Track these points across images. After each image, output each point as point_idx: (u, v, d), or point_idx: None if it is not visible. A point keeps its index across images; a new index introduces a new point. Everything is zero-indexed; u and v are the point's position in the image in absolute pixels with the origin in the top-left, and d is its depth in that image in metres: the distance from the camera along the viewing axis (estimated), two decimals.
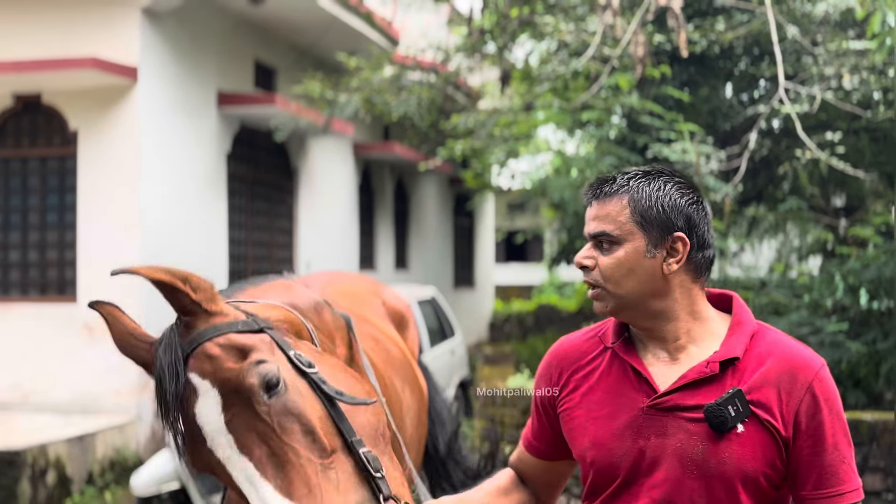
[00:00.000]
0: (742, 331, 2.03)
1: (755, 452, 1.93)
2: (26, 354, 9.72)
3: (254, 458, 2.05)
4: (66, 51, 9.43)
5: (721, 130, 10.29)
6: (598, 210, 2.05)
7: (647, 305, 2.03)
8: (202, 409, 2.09)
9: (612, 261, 2.02)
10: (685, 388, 1.98)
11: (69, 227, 9.86)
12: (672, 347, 2.05)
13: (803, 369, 1.97)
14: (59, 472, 8.17)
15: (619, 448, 2.03)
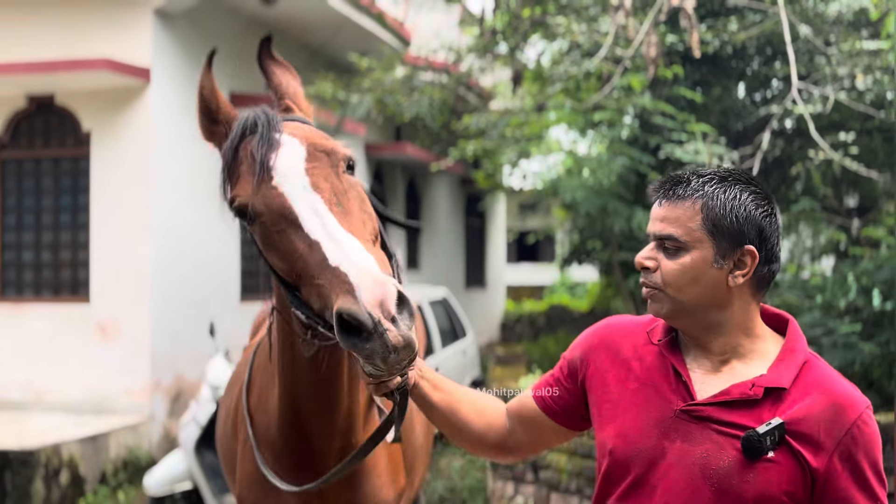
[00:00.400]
0: (793, 359, 1.99)
1: (780, 480, 1.90)
2: (40, 354, 9.76)
3: (323, 197, 2.25)
4: (79, 52, 9.46)
5: (733, 131, 10.26)
6: (668, 211, 1.99)
7: (703, 315, 2.00)
8: (285, 156, 2.31)
9: (677, 266, 1.97)
10: (724, 404, 1.95)
11: (82, 227, 9.90)
12: (718, 359, 2.02)
13: (847, 409, 1.92)
14: (73, 471, 8.20)
15: (642, 443, 2.01)
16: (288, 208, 2.23)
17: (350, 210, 2.27)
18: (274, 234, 2.25)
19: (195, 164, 10.27)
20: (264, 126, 2.36)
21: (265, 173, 2.28)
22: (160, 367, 9.57)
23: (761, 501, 1.90)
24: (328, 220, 2.18)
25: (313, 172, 2.29)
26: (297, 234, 2.19)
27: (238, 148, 2.38)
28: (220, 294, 10.67)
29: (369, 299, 1.94)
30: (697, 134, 8.52)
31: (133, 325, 9.51)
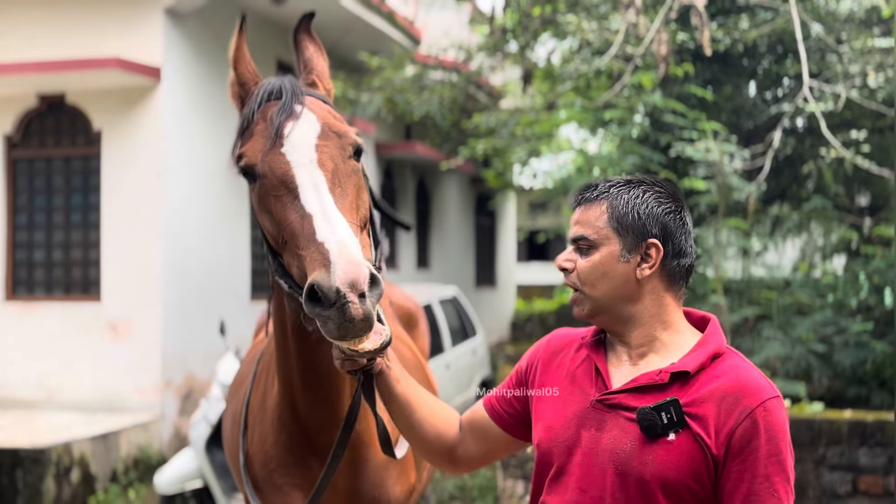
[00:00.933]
0: (704, 349, 2.07)
1: (679, 462, 1.96)
2: (51, 353, 9.79)
3: (326, 175, 2.32)
4: (90, 51, 9.48)
5: (745, 129, 10.24)
6: (580, 215, 2.14)
7: (618, 309, 2.11)
8: (300, 128, 2.39)
9: (588, 264, 2.11)
10: (634, 391, 2.05)
11: (93, 226, 9.92)
12: (636, 353, 2.12)
13: (750, 395, 1.97)
14: (84, 470, 8.23)
15: (562, 434, 2.12)
16: (290, 177, 2.30)
17: (347, 193, 2.34)
18: (272, 197, 2.32)
19: (206, 163, 10.28)
20: (288, 94, 2.43)
21: (278, 139, 2.35)
22: (171, 366, 9.59)
23: (662, 483, 1.96)
24: (325, 197, 2.25)
25: (322, 150, 2.36)
26: (293, 204, 2.26)
27: (257, 110, 2.45)
28: (230, 293, 10.69)
29: (341, 276, 2.02)
30: (708, 132, 8.50)
31: (144, 324, 9.53)
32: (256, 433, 2.89)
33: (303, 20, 2.78)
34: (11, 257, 10.18)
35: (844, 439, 6.23)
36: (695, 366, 2.03)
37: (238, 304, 10.74)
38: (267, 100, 2.46)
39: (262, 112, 2.44)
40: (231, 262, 10.79)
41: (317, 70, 2.74)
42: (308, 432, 2.73)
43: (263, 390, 2.93)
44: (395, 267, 15.28)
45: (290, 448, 2.77)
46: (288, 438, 2.76)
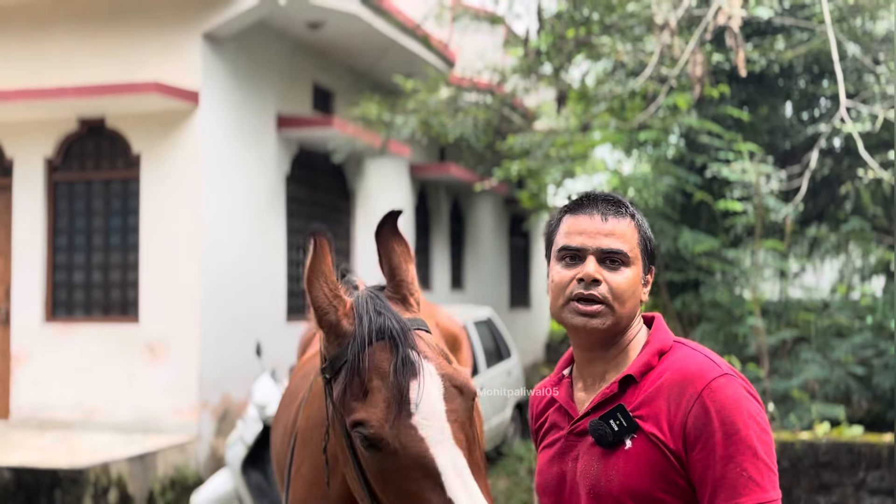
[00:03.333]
0: (648, 350, 2.06)
1: (641, 468, 1.93)
2: (89, 374, 9.88)
3: (465, 454, 2.07)
4: (130, 75, 9.61)
5: (781, 150, 10.18)
6: (615, 227, 2.06)
7: (623, 327, 2.08)
8: (426, 391, 2.09)
9: (623, 280, 2.04)
10: (593, 412, 2.04)
11: (132, 248, 10.02)
12: (600, 374, 2.11)
13: (694, 380, 1.94)
14: (121, 490, 8.28)
15: (548, 473, 2.14)
16: (429, 459, 2.03)
17: (477, 463, 2.15)
18: (403, 476, 2.05)
19: (242, 186, 10.37)
20: (400, 340, 2.15)
21: (405, 407, 2.07)
22: (207, 387, 9.65)
23: (632, 494, 1.93)
24: (471, 485, 2.03)
25: (452, 418, 2.10)
26: (434, 490, 2.02)
27: (364, 357, 2.14)
28: (266, 314, 10.75)
29: None
30: (744, 153, 8.47)
31: (181, 345, 9.60)
32: (307, 460, 2.82)
33: (388, 218, 2.43)
34: (51, 279, 10.31)
35: (885, 463, 6.15)
36: (638, 368, 2.02)
37: (274, 325, 10.80)
38: (376, 340, 2.16)
39: (374, 360, 2.13)
40: (267, 284, 10.85)
41: (406, 281, 2.41)
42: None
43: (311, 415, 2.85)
44: (429, 288, 15.31)
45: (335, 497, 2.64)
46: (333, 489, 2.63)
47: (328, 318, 2.26)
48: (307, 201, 12.03)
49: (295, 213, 11.68)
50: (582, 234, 2.06)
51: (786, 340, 8.59)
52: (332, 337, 2.25)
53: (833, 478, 6.13)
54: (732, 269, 9.01)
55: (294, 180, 11.61)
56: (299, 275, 11.77)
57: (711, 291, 8.99)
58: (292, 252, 11.60)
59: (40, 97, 9.51)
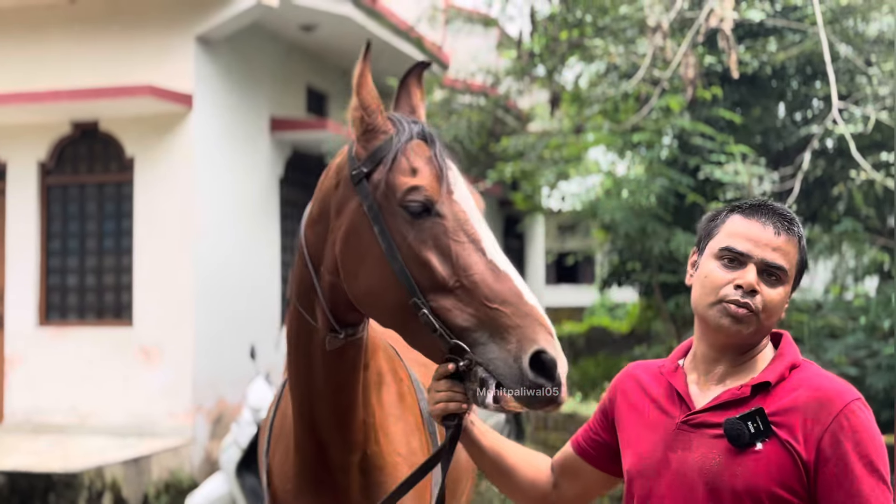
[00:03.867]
0: (781, 361, 2.12)
1: (769, 470, 1.99)
2: (83, 378, 9.87)
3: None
4: (123, 79, 9.60)
5: (774, 151, 10.20)
6: (785, 244, 2.10)
7: (763, 339, 2.16)
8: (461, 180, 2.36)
9: (777, 296, 2.09)
10: (717, 409, 2.09)
11: (125, 252, 10.01)
12: (720, 374, 2.16)
13: (833, 400, 2.01)
14: (115, 494, 8.28)
15: (651, 459, 2.15)
16: (472, 226, 2.26)
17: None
18: (450, 239, 2.25)
19: (237, 189, 10.37)
20: (435, 139, 2.40)
21: (448, 185, 2.31)
22: (202, 390, 9.64)
23: (754, 492, 1.99)
24: (505, 258, 2.23)
25: (478, 206, 2.36)
26: (478, 254, 2.22)
27: (410, 144, 2.38)
28: (260, 317, 10.75)
29: (562, 357, 2.07)
30: (737, 154, 8.49)
31: (175, 349, 9.59)
32: (278, 451, 2.90)
33: (417, 66, 2.68)
34: (45, 283, 10.29)
35: None
36: (775, 377, 2.08)
37: (268, 328, 10.80)
38: (413, 138, 2.39)
39: (417, 150, 2.36)
40: (261, 287, 10.85)
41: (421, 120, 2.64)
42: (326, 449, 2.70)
43: (285, 406, 2.92)
44: None
45: (308, 464, 2.75)
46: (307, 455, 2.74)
47: (373, 118, 2.43)
48: (301, 204, 11.98)
49: (289, 216, 11.68)
50: (750, 240, 2.09)
51: None
52: (373, 135, 2.41)
53: None
54: None
55: (288, 183, 11.61)
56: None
57: None
58: (286, 254, 11.60)
59: (34, 100, 9.50)
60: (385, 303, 2.32)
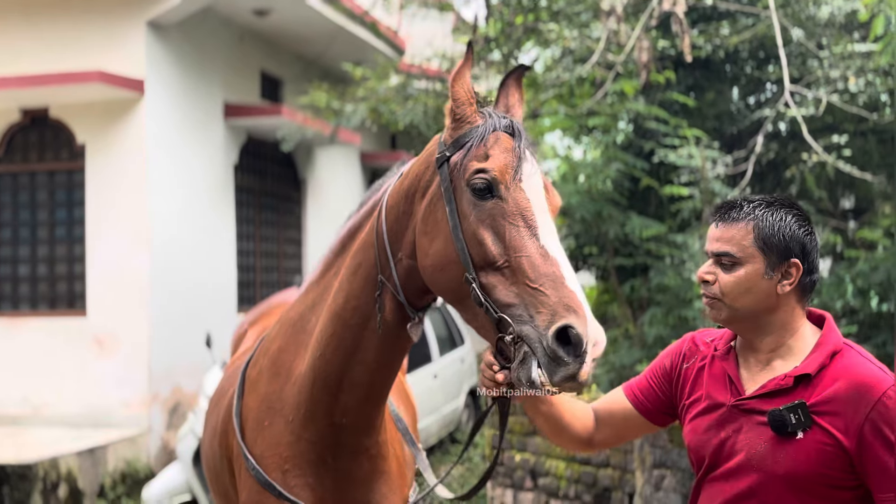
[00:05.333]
0: (822, 350, 2.29)
1: (810, 459, 2.19)
2: (37, 368, 9.76)
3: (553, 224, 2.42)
4: (73, 65, 9.47)
5: (727, 134, 10.27)
6: (723, 232, 2.35)
7: (755, 319, 2.35)
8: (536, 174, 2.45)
9: (732, 279, 2.32)
10: (763, 397, 2.30)
11: (78, 240, 9.90)
12: (764, 357, 2.37)
13: (872, 388, 2.19)
14: (71, 485, 8.19)
15: (706, 437, 2.39)
16: (531, 212, 2.37)
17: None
18: (506, 222, 2.36)
19: (190, 176, 10.27)
20: (524, 137, 2.50)
21: (519, 172, 2.42)
22: (158, 380, 9.56)
23: (794, 478, 2.20)
24: (560, 246, 2.36)
25: (548, 199, 2.45)
26: (532, 238, 2.33)
27: (492, 134, 2.48)
28: (216, 305, 10.67)
29: (594, 333, 2.18)
30: (690, 138, 8.53)
31: (130, 338, 9.50)
32: (263, 436, 2.89)
33: (518, 69, 2.78)
34: None
35: None
36: (815, 367, 2.25)
37: (224, 316, 10.73)
38: (502, 130, 2.50)
39: (498, 140, 2.47)
40: (217, 275, 10.77)
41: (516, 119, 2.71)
42: (339, 431, 2.79)
43: (268, 393, 2.93)
44: None
45: (314, 444, 2.80)
46: (314, 435, 2.80)
47: (463, 109, 2.55)
48: (256, 191, 11.94)
49: (244, 203, 11.60)
50: (708, 239, 2.41)
51: None
52: (460, 124, 2.54)
53: None
54: (680, 253, 9.08)
55: (243, 170, 11.52)
56: (249, 265, 11.70)
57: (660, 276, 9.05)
58: (242, 242, 11.52)
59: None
60: (447, 278, 2.47)
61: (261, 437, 2.89)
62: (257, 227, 11.99)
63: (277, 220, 12.56)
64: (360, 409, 2.77)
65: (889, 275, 7.78)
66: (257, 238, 11.98)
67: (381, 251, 2.64)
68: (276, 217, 12.53)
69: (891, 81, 8.70)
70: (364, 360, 2.70)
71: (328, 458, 2.80)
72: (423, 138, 14.73)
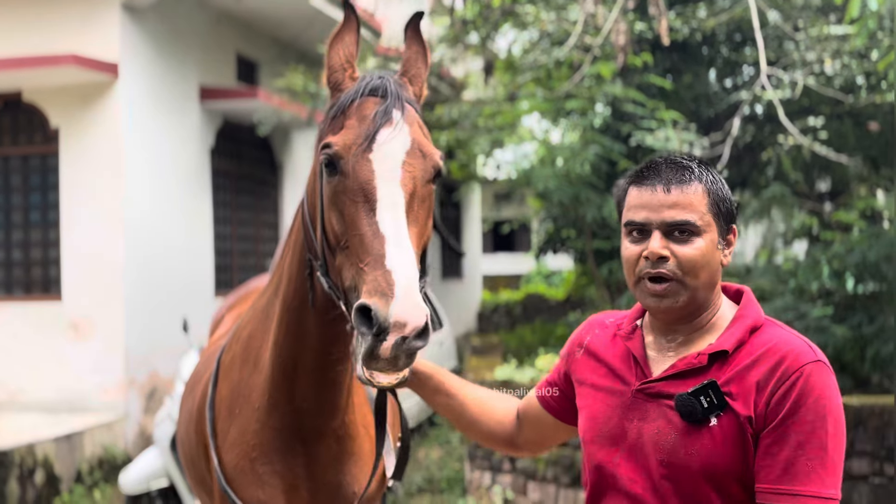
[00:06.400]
0: (741, 324, 2.00)
1: (727, 449, 1.89)
2: (12, 354, 9.68)
3: (405, 197, 2.26)
4: (46, 48, 9.37)
5: (704, 117, 10.30)
6: (681, 197, 1.97)
7: (702, 298, 2.02)
8: (393, 139, 2.31)
9: (695, 252, 1.96)
10: (673, 378, 1.98)
11: (52, 225, 9.82)
12: (681, 338, 2.05)
13: (789, 361, 1.89)
14: (48, 471, 8.15)
15: (606, 426, 2.06)
16: (372, 187, 2.25)
17: (417, 219, 2.30)
18: (348, 199, 2.28)
19: (166, 160, 10.20)
20: (391, 98, 2.37)
21: (369, 144, 2.29)
22: (134, 365, 9.52)
23: (711, 474, 1.89)
24: (400, 222, 2.21)
25: (407, 168, 2.29)
26: (368, 216, 2.22)
27: (355, 102, 2.38)
28: (193, 289, 10.62)
29: (399, 314, 2.02)
30: (668, 121, 8.55)
31: (106, 323, 9.45)
32: (234, 425, 2.87)
33: (413, 18, 2.67)
34: None
35: None
36: (732, 343, 1.96)
37: (201, 300, 10.68)
38: (368, 94, 2.39)
39: (360, 107, 2.37)
40: (193, 259, 10.71)
41: (412, 72, 2.63)
42: (302, 416, 2.74)
43: (238, 381, 2.91)
44: None
45: (279, 431, 2.76)
46: (278, 422, 2.76)
47: (336, 77, 2.50)
48: (233, 174, 11.88)
49: (220, 187, 11.53)
50: (645, 207, 1.99)
51: None
52: (335, 93, 2.48)
53: None
54: None
55: (219, 153, 11.45)
56: (226, 249, 11.65)
57: None
58: (218, 226, 11.46)
59: None
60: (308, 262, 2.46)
61: (232, 426, 2.88)
62: (234, 210, 11.93)
63: (254, 204, 12.50)
64: (319, 393, 2.71)
65: (864, 256, 7.84)
66: (234, 222, 11.92)
67: (306, 230, 2.55)
68: (253, 201, 12.47)
69: (867, 64, 8.74)
70: (310, 344, 2.63)
71: (296, 444, 2.76)
72: None
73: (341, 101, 2.41)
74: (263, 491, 2.77)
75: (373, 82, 2.40)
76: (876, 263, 7.81)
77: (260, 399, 2.79)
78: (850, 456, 6.23)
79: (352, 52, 2.54)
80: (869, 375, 8.13)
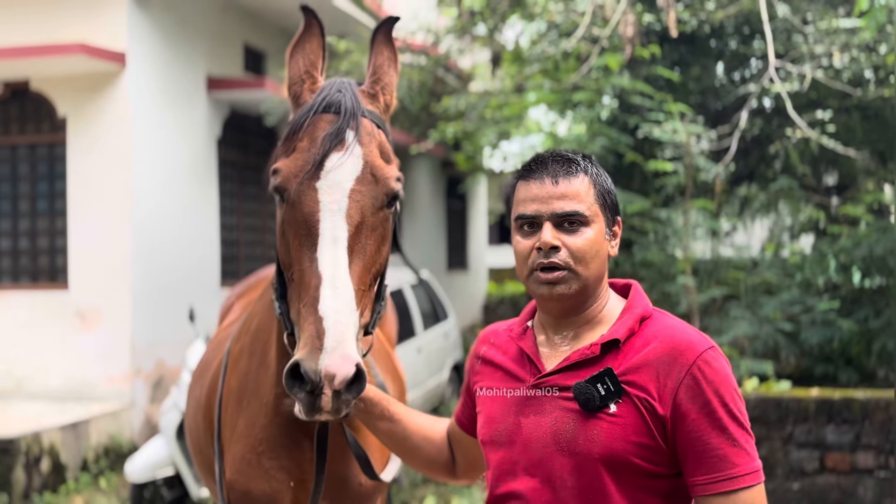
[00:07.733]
0: (630, 315, 2.05)
1: (626, 432, 1.92)
2: (19, 342, 9.71)
3: (350, 230, 2.18)
4: (54, 37, 9.37)
5: (712, 110, 10.28)
6: (568, 188, 2.03)
7: (593, 289, 2.07)
8: (342, 165, 2.22)
9: (584, 242, 2.02)
10: (567, 370, 2.02)
11: (59, 214, 9.83)
12: (571, 333, 2.09)
13: (686, 351, 1.94)
14: (54, 459, 8.18)
15: (503, 424, 2.08)
16: (315, 220, 2.18)
17: (365, 250, 2.23)
18: (291, 230, 2.23)
19: (173, 149, 10.21)
20: (345, 116, 2.28)
21: (316, 170, 2.21)
22: (141, 354, 9.54)
23: (611, 459, 1.92)
24: (340, 258, 2.14)
25: (354, 197, 2.22)
26: (310, 252, 2.17)
27: (309, 120, 2.30)
28: (199, 279, 10.64)
29: (328, 368, 2.00)
30: (675, 113, 8.53)
31: (113, 312, 9.46)
32: (242, 416, 2.86)
33: (384, 23, 2.57)
34: None
35: (812, 417, 6.29)
36: (624, 332, 2.00)
37: (207, 290, 10.69)
38: (322, 111, 2.30)
39: (313, 125, 2.28)
40: (200, 249, 10.73)
41: (383, 81, 2.54)
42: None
43: (247, 373, 2.89)
44: None
45: (286, 428, 2.74)
46: (285, 418, 2.72)
47: (295, 89, 2.42)
48: (239, 164, 11.88)
49: (227, 177, 11.54)
50: (535, 200, 2.04)
51: (716, 298, 8.72)
52: (294, 107, 2.41)
53: (761, 432, 6.25)
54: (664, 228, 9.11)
55: (226, 143, 11.45)
56: (232, 239, 11.66)
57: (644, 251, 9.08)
58: (225, 216, 11.47)
59: None
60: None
61: (241, 417, 2.86)
62: (240, 201, 11.94)
63: (261, 195, 12.50)
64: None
65: (871, 250, 7.83)
66: (240, 212, 11.92)
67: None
68: (260, 191, 12.48)
69: (875, 57, 8.71)
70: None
71: (302, 439, 2.74)
72: (407, 113, 14.69)
73: (296, 118, 2.32)
74: (270, 485, 2.77)
75: (329, 97, 2.31)
76: (883, 257, 7.80)
77: (268, 394, 2.78)
78: (856, 449, 6.22)
79: (313, 62, 2.44)
80: (875, 369, 8.12)
